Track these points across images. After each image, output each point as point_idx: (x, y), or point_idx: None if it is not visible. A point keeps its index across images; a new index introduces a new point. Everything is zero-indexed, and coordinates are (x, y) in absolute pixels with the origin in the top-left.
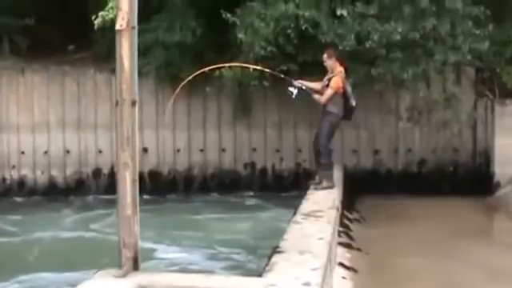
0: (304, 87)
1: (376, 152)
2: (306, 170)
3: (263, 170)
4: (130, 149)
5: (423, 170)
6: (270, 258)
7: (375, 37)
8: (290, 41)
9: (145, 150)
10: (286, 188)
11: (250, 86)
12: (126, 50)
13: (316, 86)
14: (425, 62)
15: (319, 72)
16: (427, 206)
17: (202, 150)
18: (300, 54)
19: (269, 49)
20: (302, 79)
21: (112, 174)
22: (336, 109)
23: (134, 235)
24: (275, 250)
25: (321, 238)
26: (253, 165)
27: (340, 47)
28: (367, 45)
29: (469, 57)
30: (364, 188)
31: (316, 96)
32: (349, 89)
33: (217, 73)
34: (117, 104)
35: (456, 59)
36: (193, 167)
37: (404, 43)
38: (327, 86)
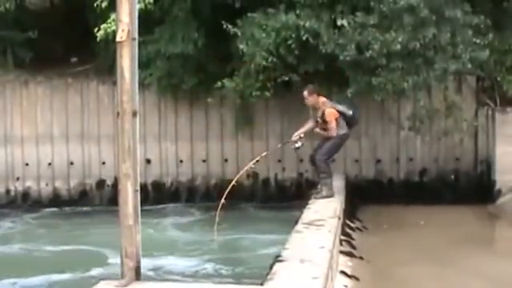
0: (302, 135)
1: (378, 161)
2: (308, 179)
3: (266, 181)
4: (131, 159)
5: (425, 179)
6: (271, 266)
7: (376, 46)
8: (291, 51)
9: (148, 161)
10: (288, 198)
11: (251, 97)
12: (127, 61)
13: (309, 125)
14: (425, 71)
15: (320, 82)
16: (429, 215)
17: (204, 161)
18: (301, 64)
19: (270, 59)
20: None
21: (115, 185)
22: (343, 130)
23: (136, 245)
24: (276, 258)
25: (322, 247)
26: (255, 175)
27: (341, 57)
28: (368, 54)
29: (469, 65)
30: (366, 197)
31: (324, 133)
32: (340, 107)
33: (218, 84)
34: (118, 115)
35: (456, 68)
36: (196, 178)
37: (404, 52)
38: (324, 121)
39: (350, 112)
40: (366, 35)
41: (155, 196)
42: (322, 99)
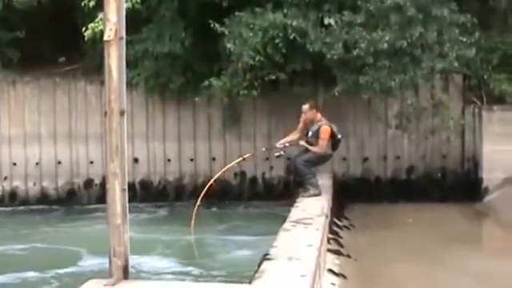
0: (287, 144)
1: (365, 159)
2: (296, 179)
3: (253, 179)
4: (119, 158)
5: (412, 177)
6: (259, 265)
7: (363, 45)
8: (279, 50)
9: (135, 160)
10: (276, 196)
11: (239, 96)
12: (115, 60)
13: (293, 136)
14: (412, 69)
15: (307, 81)
16: (416, 213)
17: (192, 160)
18: (288, 63)
19: (257, 58)
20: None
21: (103, 185)
22: (330, 150)
23: (124, 244)
24: (265, 257)
25: (310, 245)
26: (243, 174)
27: (328, 56)
28: (355, 53)
29: (456, 64)
30: (353, 195)
31: (314, 148)
32: (334, 127)
33: (206, 83)
34: (106, 114)
35: (443, 66)
36: (183, 177)
37: (391, 51)
38: (317, 137)
39: (339, 136)
40: (353, 34)
41: (143, 195)
42: (319, 115)
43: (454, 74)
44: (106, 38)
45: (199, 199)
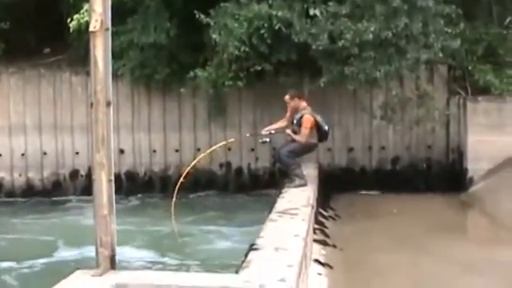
0: (273, 131)
1: (350, 150)
2: (282, 168)
3: (239, 170)
4: (106, 149)
5: (397, 168)
6: (246, 255)
7: (348, 36)
8: (264, 41)
9: (121, 151)
10: (261, 187)
11: (224, 87)
12: (100, 51)
13: (281, 124)
14: (397, 60)
15: (293, 72)
16: (401, 203)
17: (177, 151)
18: (274, 53)
19: (243, 49)
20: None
21: (89, 176)
22: (313, 139)
23: (111, 234)
24: (251, 247)
25: (296, 235)
26: (228, 164)
27: (313, 46)
28: (340, 44)
29: (441, 55)
30: (339, 186)
31: (296, 137)
32: (318, 117)
33: (191, 74)
34: (92, 105)
35: (428, 57)
36: (169, 167)
37: (376, 42)
38: (299, 125)
39: (326, 127)
40: (338, 25)
41: (129, 186)
42: (304, 104)
43: (439, 64)
44: (91, 28)
45: (179, 182)
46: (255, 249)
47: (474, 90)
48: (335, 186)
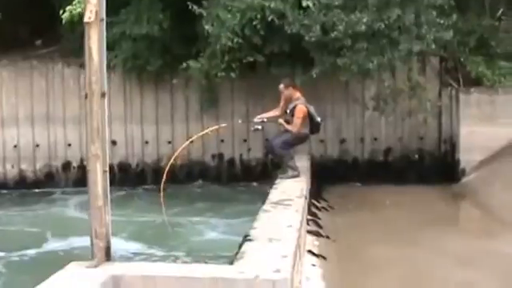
0: (265, 119)
1: (342, 141)
2: (274, 159)
3: (231, 161)
4: (100, 140)
5: (389, 159)
6: (240, 246)
7: (341, 27)
8: (257, 32)
9: (113, 142)
10: (254, 178)
11: (217, 78)
12: (95, 42)
13: (274, 113)
14: (390, 51)
15: (285, 63)
16: (393, 194)
17: (169, 142)
18: (267, 44)
19: (235, 40)
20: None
21: (81, 167)
22: (305, 130)
23: (106, 225)
24: (245, 238)
25: (290, 226)
26: (221, 156)
27: (306, 38)
28: (333, 35)
29: (433, 46)
30: (331, 177)
31: (288, 127)
32: (311, 108)
33: (184, 65)
34: (86, 96)
35: (421, 49)
36: (161, 159)
37: (369, 33)
38: (292, 115)
39: (318, 119)
40: (331, 16)
41: (121, 177)
42: (297, 94)
43: (431, 56)
44: (86, 19)
45: (169, 164)
46: (249, 240)
47: (466, 82)
48: (327, 177)
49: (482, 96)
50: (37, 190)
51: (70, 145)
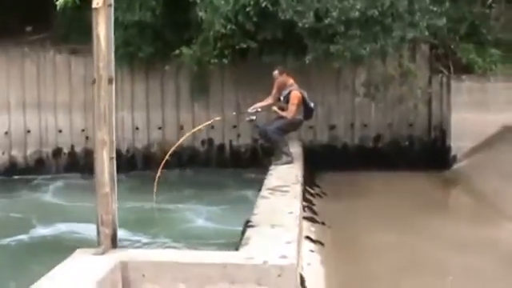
0: (259, 109)
1: (332, 127)
2: (263, 145)
3: (221, 147)
4: (107, 126)
5: (379, 145)
6: (243, 232)
7: (334, 14)
8: (250, 18)
9: None
10: (243, 164)
11: (209, 64)
12: (103, 27)
13: (267, 101)
14: (383, 38)
15: (277, 50)
16: (385, 181)
17: (160, 128)
18: (260, 31)
19: (229, 26)
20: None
21: (72, 154)
22: (300, 115)
23: (112, 213)
24: (247, 224)
25: (290, 212)
26: (210, 141)
27: (299, 24)
28: (326, 22)
29: (426, 33)
30: (321, 163)
31: (283, 113)
32: (305, 94)
33: (176, 51)
34: (94, 82)
35: (414, 35)
36: (151, 144)
37: (362, 20)
38: (287, 101)
39: (312, 104)
40: (324, 2)
41: None
42: (291, 80)
43: (422, 43)
44: (94, 5)
45: (164, 160)
46: (251, 226)
47: (456, 69)
48: (318, 163)
49: (473, 83)
50: (28, 177)
51: (60, 131)
